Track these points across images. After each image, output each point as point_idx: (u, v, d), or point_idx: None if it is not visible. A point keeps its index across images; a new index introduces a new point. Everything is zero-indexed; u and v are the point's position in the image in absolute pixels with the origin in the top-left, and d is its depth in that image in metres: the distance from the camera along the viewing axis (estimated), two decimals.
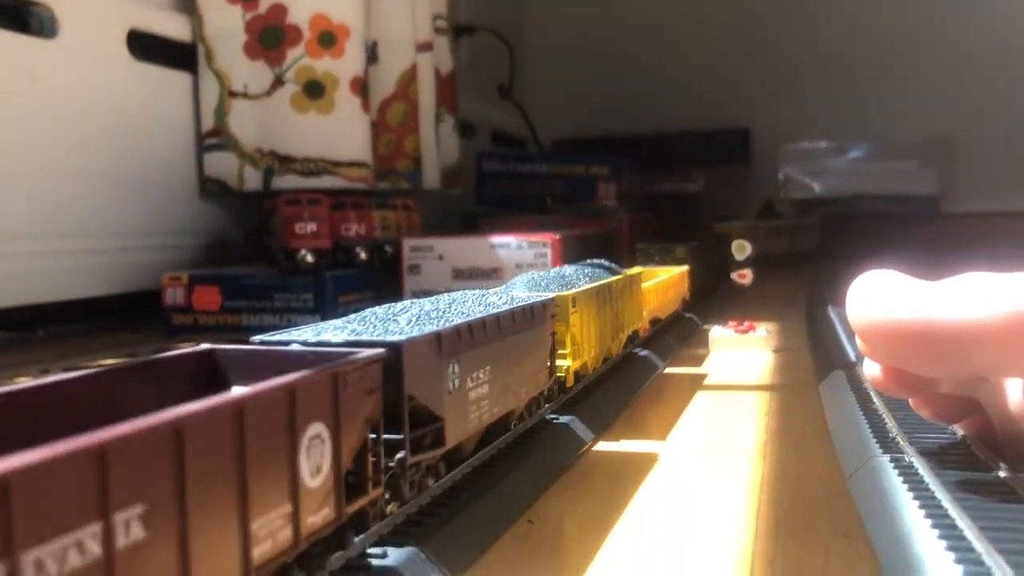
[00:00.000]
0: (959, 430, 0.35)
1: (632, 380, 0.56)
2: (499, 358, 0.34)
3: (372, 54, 1.03)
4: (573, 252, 0.88)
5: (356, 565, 0.25)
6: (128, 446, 0.16)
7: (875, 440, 0.36)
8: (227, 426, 0.19)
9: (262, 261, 0.88)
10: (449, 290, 0.39)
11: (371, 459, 0.24)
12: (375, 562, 0.25)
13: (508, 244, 0.87)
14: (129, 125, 0.85)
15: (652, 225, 1.51)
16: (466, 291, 0.40)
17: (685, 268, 0.82)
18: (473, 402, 0.31)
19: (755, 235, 1.63)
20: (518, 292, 0.45)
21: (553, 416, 0.43)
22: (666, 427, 0.47)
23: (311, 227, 0.83)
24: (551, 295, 0.42)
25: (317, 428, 0.22)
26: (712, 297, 1.04)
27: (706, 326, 0.79)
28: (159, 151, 0.89)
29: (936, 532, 0.26)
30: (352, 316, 0.32)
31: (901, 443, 0.35)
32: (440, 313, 0.33)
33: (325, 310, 0.79)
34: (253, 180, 0.93)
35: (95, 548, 0.15)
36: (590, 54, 2.00)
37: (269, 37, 0.93)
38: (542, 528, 0.32)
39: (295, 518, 0.21)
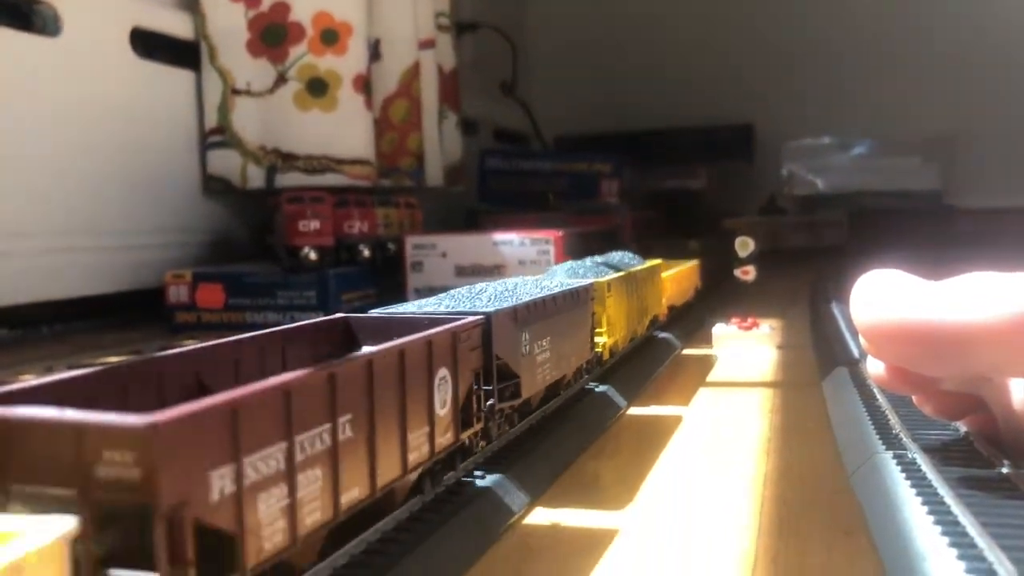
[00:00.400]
0: (962, 427, 0.35)
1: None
2: (555, 331, 0.40)
3: (375, 51, 1.03)
4: (576, 249, 0.88)
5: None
6: (345, 374, 0.23)
7: (878, 436, 0.36)
8: (395, 364, 0.26)
9: (265, 259, 0.89)
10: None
11: (475, 401, 0.32)
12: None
13: (511, 241, 0.87)
14: (132, 123, 0.85)
15: (655, 222, 1.51)
16: (524, 277, 0.47)
17: (696, 261, 0.87)
18: (539, 365, 0.38)
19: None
20: (560, 279, 0.50)
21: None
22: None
23: (314, 225, 0.83)
24: (591, 281, 0.48)
25: (443, 372, 0.29)
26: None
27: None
28: (162, 149, 0.89)
29: (939, 528, 0.26)
30: (441, 295, 0.38)
31: (904, 439, 0.35)
32: (510, 293, 0.39)
33: (328, 307, 0.79)
34: (256, 178, 0.93)
35: (328, 439, 0.23)
36: (593, 51, 1.99)
37: (272, 35, 0.93)
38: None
39: (431, 436, 0.28)
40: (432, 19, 1.15)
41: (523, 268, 0.85)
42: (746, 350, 0.71)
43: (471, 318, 0.32)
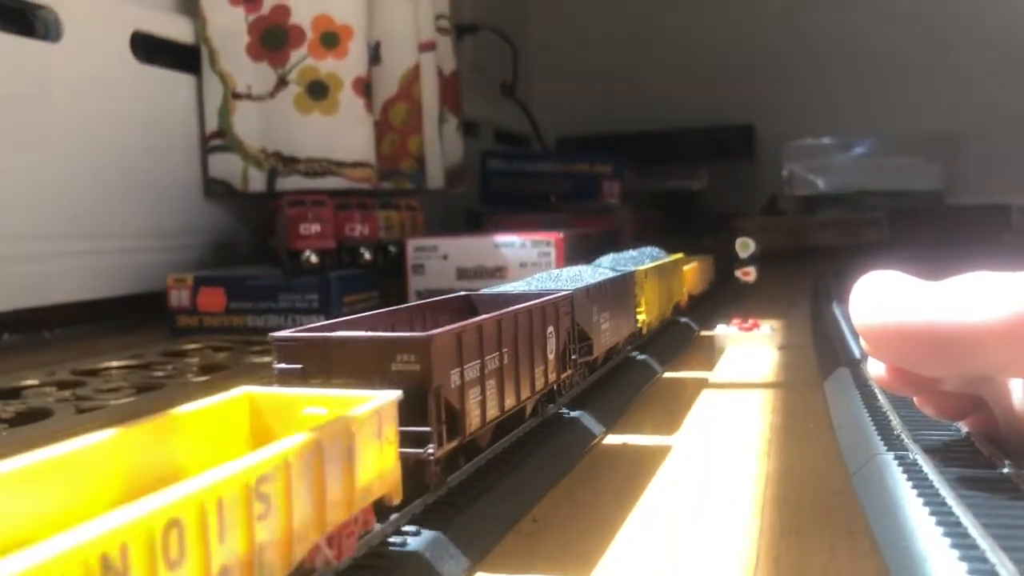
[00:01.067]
0: (963, 427, 0.35)
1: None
2: (612, 307, 0.51)
3: (375, 54, 1.03)
4: (577, 251, 0.88)
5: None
6: (506, 321, 0.35)
7: (879, 437, 0.36)
8: (528, 319, 0.37)
9: (267, 262, 0.89)
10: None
11: (566, 354, 0.43)
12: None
13: (512, 243, 0.87)
14: (134, 127, 0.85)
15: (656, 223, 1.51)
16: (582, 265, 0.57)
17: (711, 257, 0.95)
18: (603, 332, 0.49)
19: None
20: (606, 267, 0.60)
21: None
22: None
23: (315, 228, 0.84)
24: (633, 269, 0.58)
25: (551, 329, 0.40)
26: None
27: (704, 332, 0.78)
28: (164, 153, 0.89)
29: (940, 529, 0.26)
30: (528, 279, 0.50)
31: (905, 440, 0.35)
32: (579, 277, 0.49)
33: (330, 310, 0.79)
34: (257, 181, 0.93)
35: (497, 363, 0.33)
36: (593, 52, 2.00)
37: (272, 38, 0.93)
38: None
39: (545, 373, 0.39)
40: (432, 22, 1.15)
41: (524, 270, 0.85)
42: (747, 351, 0.71)
43: (562, 293, 0.43)
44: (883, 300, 0.29)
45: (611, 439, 0.44)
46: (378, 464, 0.24)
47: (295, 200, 0.85)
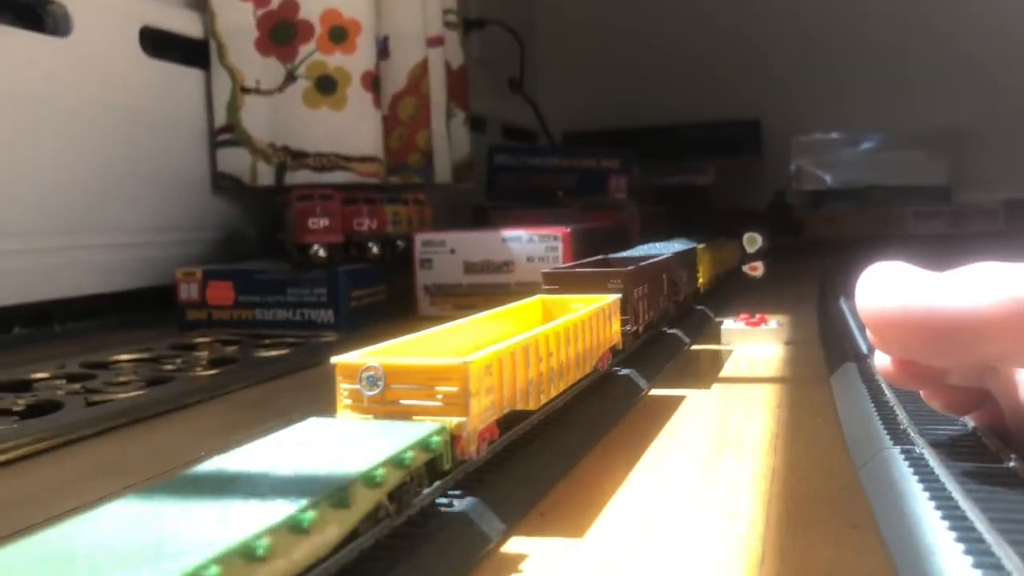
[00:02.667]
0: (970, 422, 0.35)
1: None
2: (688, 269, 0.73)
3: (383, 49, 1.03)
4: (584, 246, 0.88)
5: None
6: (661, 263, 0.61)
7: (886, 432, 0.36)
8: (669, 264, 0.64)
9: (275, 256, 0.89)
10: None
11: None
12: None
13: (519, 238, 0.87)
14: (142, 122, 0.85)
15: (663, 218, 1.51)
16: (657, 243, 0.81)
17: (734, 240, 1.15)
18: (684, 283, 0.71)
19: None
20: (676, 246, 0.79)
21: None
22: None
23: (323, 222, 0.84)
24: (695, 245, 0.80)
25: (678, 272, 0.66)
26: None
27: (718, 319, 0.79)
28: (172, 147, 0.90)
29: (946, 523, 0.26)
30: (638, 247, 0.75)
31: (912, 435, 0.35)
32: (667, 247, 0.72)
33: (338, 304, 0.79)
34: (266, 176, 0.94)
35: (651, 289, 0.57)
36: (600, 47, 1.99)
37: (281, 33, 0.93)
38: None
39: (670, 299, 0.64)
40: (440, 16, 1.15)
41: (532, 265, 0.85)
42: (753, 346, 0.71)
43: (685, 249, 0.71)
44: (888, 289, 0.29)
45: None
46: (612, 329, 0.47)
47: (303, 194, 0.85)
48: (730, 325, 0.75)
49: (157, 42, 0.87)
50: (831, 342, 0.67)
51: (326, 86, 0.94)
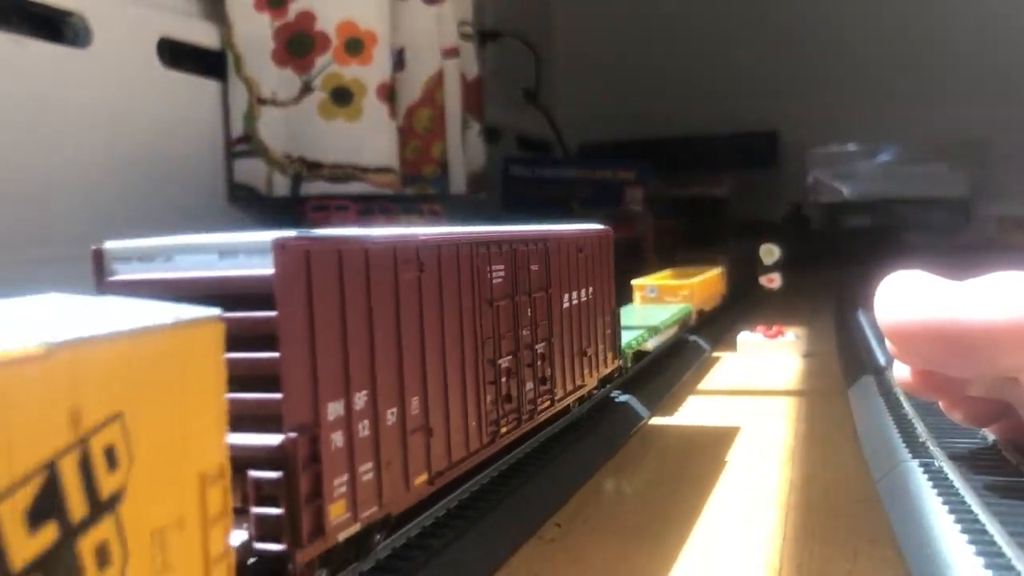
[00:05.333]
0: (990, 435, 0.35)
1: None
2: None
3: (399, 60, 1.04)
4: None
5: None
6: None
7: (904, 445, 0.36)
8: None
9: None
10: None
11: None
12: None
13: None
14: (160, 132, 0.86)
15: (679, 230, 1.50)
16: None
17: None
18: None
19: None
20: None
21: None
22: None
23: None
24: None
25: None
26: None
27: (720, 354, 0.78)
28: (189, 158, 0.90)
29: (965, 537, 0.26)
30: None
31: (931, 447, 0.35)
32: None
33: None
34: (282, 186, 0.94)
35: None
36: (616, 58, 1.99)
37: (297, 44, 0.94)
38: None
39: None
40: (455, 28, 1.16)
41: None
42: (771, 358, 0.70)
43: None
44: (907, 299, 0.28)
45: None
46: None
47: (319, 205, 0.85)
48: (747, 337, 0.74)
49: (175, 53, 0.88)
50: (849, 354, 0.66)
51: (342, 97, 0.95)
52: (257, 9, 0.93)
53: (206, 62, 0.92)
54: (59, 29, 0.76)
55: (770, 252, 1.20)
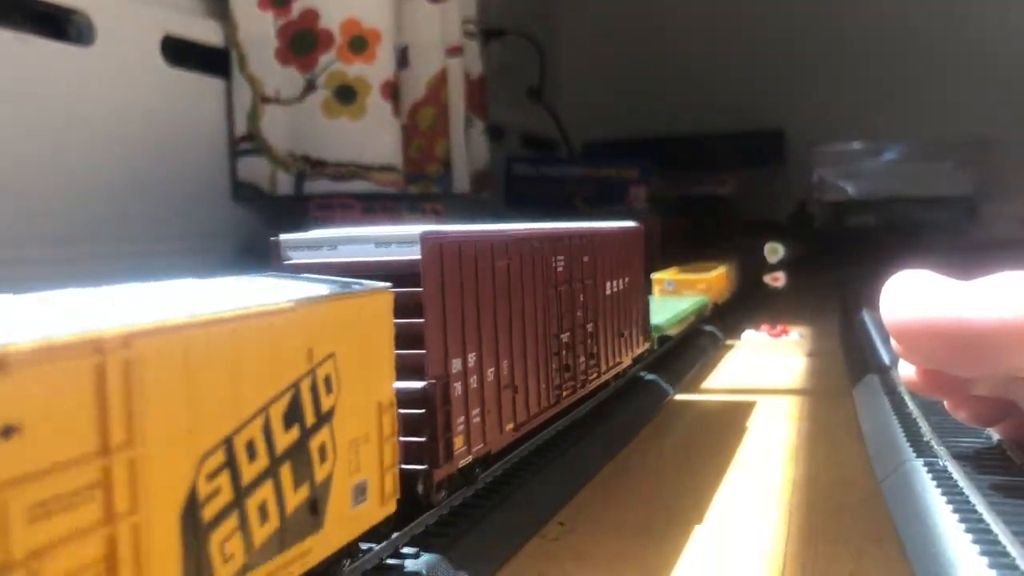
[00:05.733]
0: (994, 435, 0.35)
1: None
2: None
3: (402, 58, 1.04)
4: None
5: None
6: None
7: (909, 444, 0.36)
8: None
9: None
10: None
11: None
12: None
13: None
14: (164, 130, 0.86)
15: (683, 229, 1.50)
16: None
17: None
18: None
19: None
20: None
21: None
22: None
23: None
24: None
25: None
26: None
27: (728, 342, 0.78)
28: (193, 156, 0.90)
29: (970, 536, 0.26)
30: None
31: (935, 447, 0.35)
32: None
33: None
34: (285, 184, 0.94)
35: None
36: (620, 56, 1.99)
37: (301, 42, 0.94)
38: None
39: None
40: (459, 26, 1.16)
41: None
42: (775, 357, 0.70)
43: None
44: (913, 298, 0.28)
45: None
46: None
47: (323, 204, 0.85)
48: (752, 336, 0.74)
49: (179, 51, 0.88)
50: (854, 353, 0.66)
51: (346, 96, 0.94)
52: (261, 7, 0.93)
53: (210, 60, 0.92)
54: (63, 27, 0.76)
55: (774, 251, 1.20)
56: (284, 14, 0.93)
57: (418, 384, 0.27)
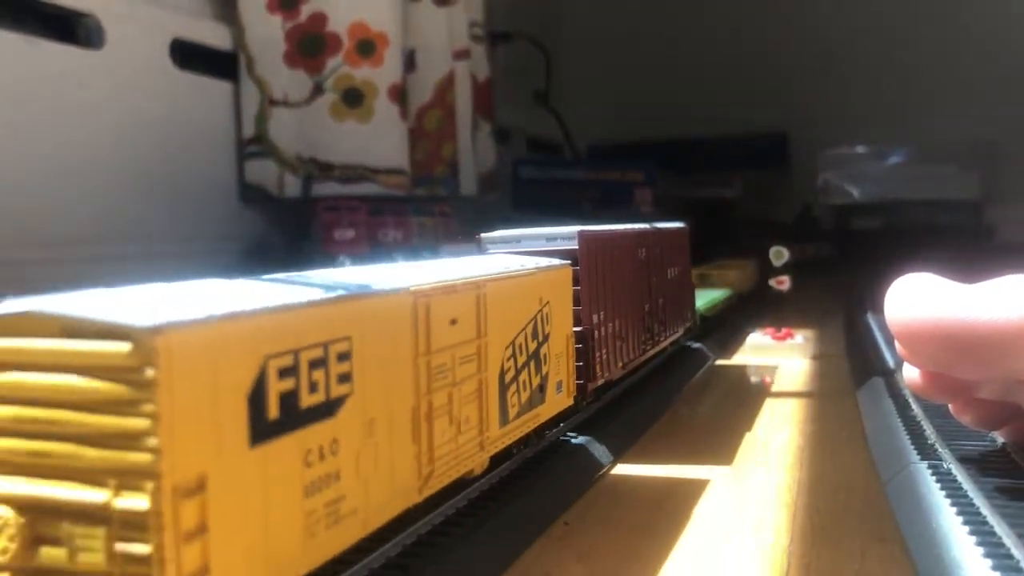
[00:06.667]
0: (999, 437, 0.35)
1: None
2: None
3: (410, 62, 1.04)
4: None
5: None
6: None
7: (913, 446, 0.36)
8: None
9: (302, 267, 0.89)
10: None
11: None
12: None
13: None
14: (172, 133, 0.86)
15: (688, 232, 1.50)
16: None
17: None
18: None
19: None
20: None
21: None
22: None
23: (349, 234, 0.84)
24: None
25: None
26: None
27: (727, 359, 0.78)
28: (201, 158, 0.91)
29: (974, 539, 0.26)
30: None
31: (939, 449, 0.35)
32: None
33: None
34: (293, 187, 0.94)
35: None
36: (627, 59, 1.99)
37: (309, 46, 0.94)
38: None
39: None
40: (466, 29, 1.16)
41: None
42: (780, 360, 0.71)
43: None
44: (918, 301, 0.29)
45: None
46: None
47: (330, 206, 0.86)
48: (756, 339, 0.74)
49: (187, 54, 0.88)
50: (858, 356, 0.66)
51: (353, 98, 0.95)
52: (269, 10, 0.93)
53: (218, 63, 0.93)
54: (73, 30, 0.77)
55: (779, 254, 1.20)
56: (292, 17, 0.94)
57: (579, 328, 0.39)
